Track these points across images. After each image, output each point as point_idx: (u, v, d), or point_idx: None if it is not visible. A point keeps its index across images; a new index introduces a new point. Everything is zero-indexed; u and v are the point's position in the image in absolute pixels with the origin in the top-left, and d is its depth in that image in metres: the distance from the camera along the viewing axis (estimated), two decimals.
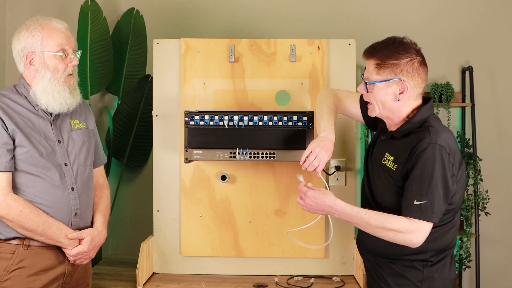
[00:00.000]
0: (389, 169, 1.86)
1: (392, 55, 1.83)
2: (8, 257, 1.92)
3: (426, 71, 1.87)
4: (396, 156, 1.85)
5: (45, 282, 1.95)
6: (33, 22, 1.97)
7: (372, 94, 1.88)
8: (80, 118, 2.11)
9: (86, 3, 3.15)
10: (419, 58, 1.85)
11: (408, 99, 1.86)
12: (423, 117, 1.86)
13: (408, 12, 3.36)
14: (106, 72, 3.21)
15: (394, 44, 1.85)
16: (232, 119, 2.30)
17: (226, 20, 3.37)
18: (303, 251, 2.49)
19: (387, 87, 1.84)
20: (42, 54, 1.94)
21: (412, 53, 1.83)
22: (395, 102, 1.85)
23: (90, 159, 2.11)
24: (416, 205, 1.76)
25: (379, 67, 1.84)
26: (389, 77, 1.83)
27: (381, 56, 1.84)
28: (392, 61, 1.82)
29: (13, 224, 1.89)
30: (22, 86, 1.99)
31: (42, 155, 1.93)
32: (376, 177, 1.93)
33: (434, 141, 1.77)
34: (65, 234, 1.95)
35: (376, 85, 1.85)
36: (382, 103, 1.87)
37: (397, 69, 1.82)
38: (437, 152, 1.76)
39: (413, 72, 1.83)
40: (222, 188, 2.50)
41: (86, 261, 2.05)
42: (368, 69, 1.89)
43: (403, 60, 1.82)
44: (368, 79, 1.88)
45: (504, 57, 3.37)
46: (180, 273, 2.52)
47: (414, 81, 1.84)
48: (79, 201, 2.01)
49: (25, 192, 1.91)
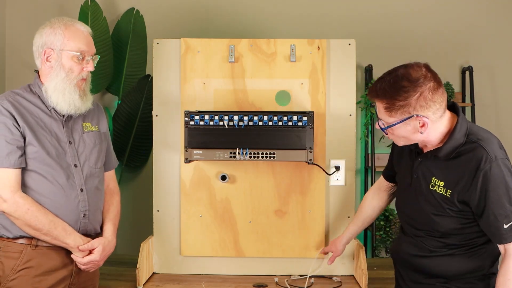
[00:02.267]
0: (441, 196, 1.76)
1: (399, 95, 1.67)
2: (15, 257, 1.91)
3: (440, 90, 1.70)
4: (448, 181, 1.74)
5: (52, 282, 1.95)
6: (58, 21, 1.99)
7: (391, 134, 1.77)
8: (92, 121, 2.12)
9: (86, 3, 3.15)
10: (429, 85, 1.67)
11: (433, 127, 1.72)
12: (464, 130, 1.73)
13: (408, 12, 3.36)
14: (106, 72, 3.21)
15: (400, 83, 1.68)
16: (232, 119, 2.30)
17: (226, 20, 3.37)
18: (303, 251, 2.49)
19: (405, 125, 1.72)
20: (61, 52, 1.96)
21: (421, 85, 1.66)
22: (418, 134, 1.73)
23: (100, 161, 2.11)
24: (508, 228, 1.67)
25: (390, 110, 1.70)
26: (403, 117, 1.70)
27: (388, 99, 1.69)
28: (401, 102, 1.67)
29: (20, 222, 1.89)
30: (36, 85, 2.00)
31: (50, 155, 1.93)
32: (425, 204, 1.81)
33: (493, 157, 1.66)
34: (72, 238, 1.95)
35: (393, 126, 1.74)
36: (406, 138, 1.76)
37: (410, 108, 1.68)
38: (503, 167, 1.66)
39: (427, 104, 1.67)
40: (222, 188, 2.50)
41: (95, 268, 2.06)
42: (379, 110, 1.75)
43: (413, 99, 1.67)
44: (383, 122, 1.75)
45: (504, 57, 3.37)
46: (180, 273, 2.52)
47: (431, 110, 1.68)
48: (88, 203, 2.01)
49: (34, 191, 1.92)
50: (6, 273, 1.90)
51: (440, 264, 1.82)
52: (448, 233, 1.80)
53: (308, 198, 2.48)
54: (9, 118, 1.89)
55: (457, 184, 1.72)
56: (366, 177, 3.38)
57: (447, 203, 1.75)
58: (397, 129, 1.74)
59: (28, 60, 2.04)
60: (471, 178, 1.69)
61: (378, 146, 3.32)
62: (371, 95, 1.76)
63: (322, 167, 2.43)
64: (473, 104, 3.31)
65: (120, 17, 3.29)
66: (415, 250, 1.88)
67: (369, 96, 1.79)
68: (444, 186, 1.75)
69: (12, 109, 1.90)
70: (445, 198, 1.75)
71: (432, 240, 1.84)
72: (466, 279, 1.82)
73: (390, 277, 2.46)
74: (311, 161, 2.31)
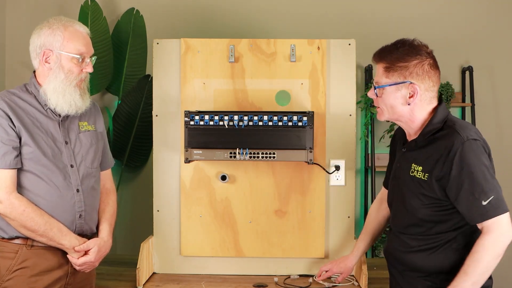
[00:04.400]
0: (419, 180, 1.80)
1: (401, 57, 1.80)
2: (11, 257, 1.91)
3: (437, 73, 1.83)
4: (426, 165, 1.79)
5: (48, 282, 1.94)
6: (56, 22, 1.98)
7: (381, 98, 1.85)
8: (89, 120, 2.11)
9: (86, 3, 3.15)
10: (430, 61, 1.81)
11: (420, 103, 1.82)
12: (442, 117, 1.82)
13: (408, 12, 3.36)
14: (106, 72, 3.21)
15: (403, 47, 1.82)
16: (232, 119, 2.30)
17: (226, 20, 3.37)
18: (303, 251, 2.49)
19: (396, 91, 1.81)
20: (60, 54, 1.95)
21: (423, 55, 1.80)
22: (405, 106, 1.82)
23: (97, 161, 2.11)
24: (487, 205, 1.68)
25: (388, 71, 1.81)
26: (398, 80, 1.80)
27: (390, 59, 1.81)
28: (401, 63, 1.79)
29: (15, 223, 1.88)
30: (33, 85, 1.99)
31: (46, 155, 1.93)
32: (406, 191, 1.87)
33: (466, 138, 1.72)
34: (68, 238, 1.94)
35: (386, 89, 1.83)
36: (392, 108, 1.84)
37: (406, 72, 1.79)
38: (475, 146, 1.71)
39: (423, 75, 1.79)
40: (222, 188, 2.50)
41: (90, 269, 2.04)
42: (378, 73, 1.86)
43: (412, 63, 1.79)
44: (377, 83, 1.85)
45: (504, 57, 3.37)
46: (180, 273, 2.52)
47: (424, 84, 1.80)
48: (84, 203, 2.00)
49: (29, 192, 1.91)
50: (2, 273, 1.90)
51: (420, 259, 1.84)
52: (425, 220, 1.81)
53: (308, 198, 2.48)
54: (5, 118, 1.89)
55: (434, 167, 1.76)
56: (366, 177, 3.38)
57: (424, 187, 1.79)
58: (387, 93, 1.82)
59: (28, 60, 2.03)
60: (445, 158, 1.73)
61: (378, 146, 3.32)
62: (375, 57, 1.87)
63: (322, 166, 2.43)
64: (473, 104, 3.31)
65: (120, 17, 3.29)
66: (398, 245, 1.91)
67: (373, 59, 1.88)
68: (422, 171, 1.80)
69: (8, 110, 1.90)
70: (423, 182, 1.79)
71: (411, 233, 1.86)
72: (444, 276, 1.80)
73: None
74: (311, 161, 2.31)
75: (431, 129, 1.81)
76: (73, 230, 1.98)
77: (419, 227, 1.84)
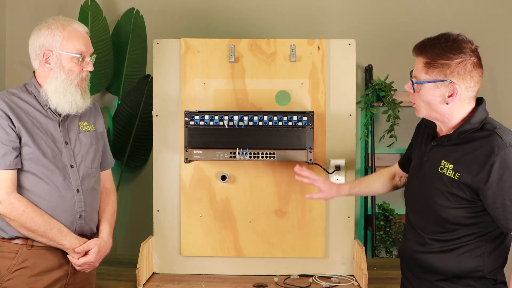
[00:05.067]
0: (449, 178, 1.72)
1: (443, 54, 1.69)
2: (11, 257, 1.91)
3: (480, 73, 1.72)
4: (458, 164, 1.71)
5: (48, 282, 1.94)
6: (55, 22, 1.97)
7: (418, 94, 1.75)
8: (89, 120, 2.11)
9: (86, 3, 3.15)
10: (474, 59, 1.71)
11: (459, 102, 1.72)
12: (482, 117, 1.73)
13: (408, 12, 3.36)
14: (106, 72, 3.21)
15: (446, 42, 1.71)
16: (232, 119, 2.30)
17: (226, 20, 3.37)
18: (303, 251, 2.49)
19: (435, 89, 1.71)
20: (60, 54, 1.94)
21: (466, 54, 1.69)
22: (443, 105, 1.73)
23: (97, 161, 2.11)
24: None
25: (428, 67, 1.71)
26: (438, 78, 1.70)
27: (431, 54, 1.71)
28: (443, 61, 1.69)
29: (15, 223, 1.88)
30: (33, 85, 1.99)
31: (46, 155, 1.92)
32: (431, 187, 1.78)
33: (508, 143, 1.65)
34: (68, 239, 1.94)
35: (424, 85, 1.73)
36: (429, 105, 1.74)
37: (448, 70, 1.69)
38: None
39: (465, 75, 1.69)
40: (222, 188, 2.50)
41: (90, 269, 2.04)
42: (417, 67, 1.75)
43: (454, 61, 1.69)
44: (416, 78, 1.75)
45: (504, 57, 3.37)
46: (180, 273, 2.52)
47: (465, 83, 1.70)
48: (84, 203, 2.00)
49: (29, 192, 1.91)
50: (2, 273, 1.90)
51: (438, 260, 1.78)
52: (449, 221, 1.75)
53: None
54: (5, 119, 1.88)
55: (467, 168, 1.69)
56: None
57: (454, 186, 1.72)
58: (426, 90, 1.73)
59: (28, 60, 2.03)
60: (484, 163, 1.66)
61: (378, 146, 3.32)
62: (415, 50, 1.77)
63: (322, 166, 2.43)
64: None
65: (120, 17, 3.29)
66: (415, 245, 1.84)
67: (414, 51, 1.78)
68: (453, 169, 1.72)
69: (8, 110, 1.89)
70: (452, 181, 1.72)
71: (432, 232, 1.79)
72: (463, 281, 1.75)
73: (390, 277, 2.47)
74: (311, 161, 2.31)
75: (468, 129, 1.72)
76: (73, 230, 1.97)
77: (442, 227, 1.77)
